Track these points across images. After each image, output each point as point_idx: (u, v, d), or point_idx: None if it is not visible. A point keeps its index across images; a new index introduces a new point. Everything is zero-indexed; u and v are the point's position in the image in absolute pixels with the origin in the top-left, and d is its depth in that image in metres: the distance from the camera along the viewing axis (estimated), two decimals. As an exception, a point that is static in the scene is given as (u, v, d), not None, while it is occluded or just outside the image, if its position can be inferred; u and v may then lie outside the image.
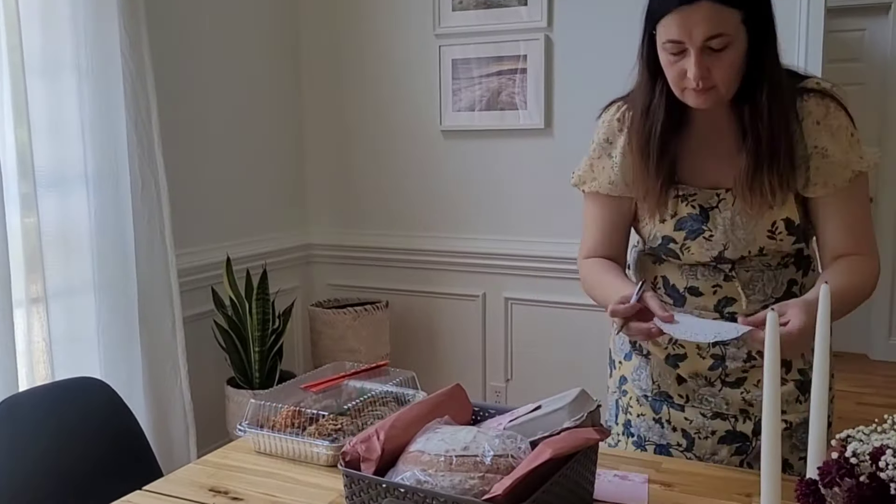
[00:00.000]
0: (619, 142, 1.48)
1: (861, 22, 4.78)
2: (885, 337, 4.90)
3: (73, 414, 1.75)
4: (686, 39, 1.26)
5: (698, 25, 1.24)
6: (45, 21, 2.28)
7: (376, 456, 1.17)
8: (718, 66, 1.28)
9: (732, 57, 1.28)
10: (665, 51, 1.31)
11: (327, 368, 1.81)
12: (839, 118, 1.37)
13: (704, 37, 1.25)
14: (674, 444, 1.54)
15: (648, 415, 1.56)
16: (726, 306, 1.44)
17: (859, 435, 0.93)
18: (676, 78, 1.32)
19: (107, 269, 2.46)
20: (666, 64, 1.33)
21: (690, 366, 1.50)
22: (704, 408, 1.50)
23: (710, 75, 1.28)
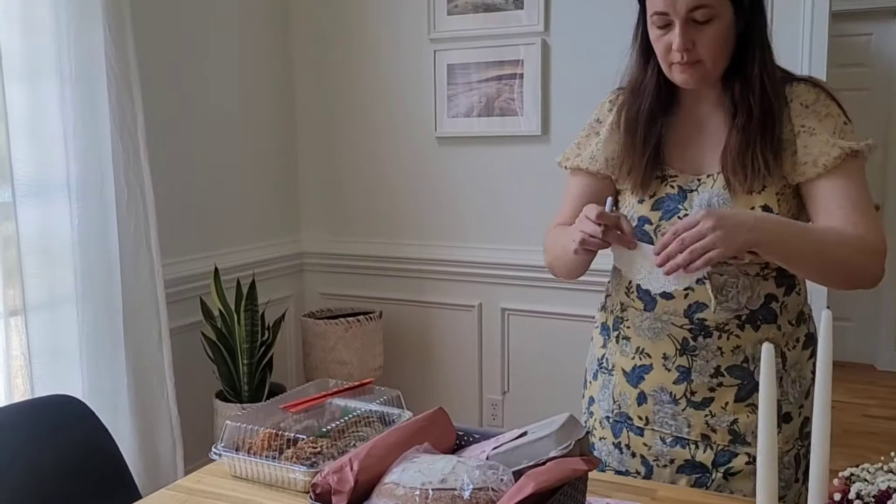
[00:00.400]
0: (608, 120, 1.51)
1: (868, 27, 4.72)
2: (891, 347, 4.82)
3: (48, 434, 1.69)
4: (671, 10, 1.29)
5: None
6: (26, 24, 2.21)
7: (349, 488, 1.10)
8: (703, 38, 1.29)
9: (717, 30, 1.29)
10: (653, 24, 1.34)
11: (310, 386, 1.75)
12: (829, 107, 1.36)
13: (688, 8, 1.27)
14: (633, 471, 1.48)
15: (609, 439, 1.52)
16: (696, 312, 1.38)
17: (864, 474, 0.86)
18: (664, 52, 1.34)
19: (90, 280, 2.39)
20: (654, 39, 1.35)
21: (655, 379, 1.43)
22: (664, 431, 1.43)
23: (695, 48, 1.30)
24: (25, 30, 2.22)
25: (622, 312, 1.49)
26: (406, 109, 3.20)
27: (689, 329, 1.39)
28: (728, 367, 1.38)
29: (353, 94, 3.30)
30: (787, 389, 1.41)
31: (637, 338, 1.45)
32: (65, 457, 1.66)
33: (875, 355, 4.85)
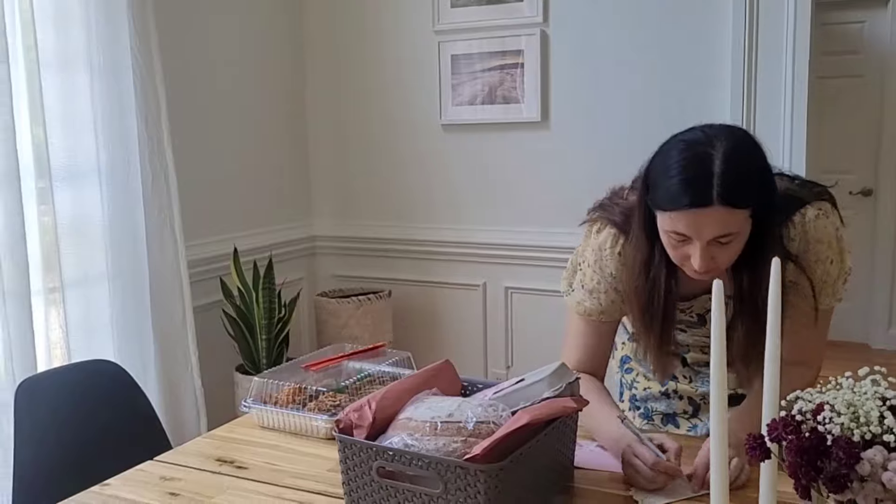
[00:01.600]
0: (620, 276, 1.46)
1: (860, 14, 4.82)
2: (885, 326, 4.95)
3: (89, 393, 1.86)
4: (694, 236, 1.25)
5: (708, 227, 1.22)
6: (58, 20, 2.37)
7: (368, 423, 1.26)
8: (722, 254, 1.27)
9: (737, 246, 1.27)
10: (668, 236, 1.29)
11: (328, 350, 1.91)
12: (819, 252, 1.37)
13: (713, 237, 1.23)
14: (680, 412, 1.64)
15: (655, 388, 1.66)
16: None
17: (806, 396, 1.01)
18: (678, 258, 1.31)
19: (120, 260, 2.56)
20: (667, 245, 1.31)
21: (694, 357, 1.59)
22: (705, 384, 1.59)
23: (714, 261, 1.27)
24: (58, 25, 2.38)
25: None
26: (412, 98, 3.36)
27: None
28: None
29: (362, 84, 3.46)
30: None
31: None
32: (106, 412, 1.83)
33: (869, 334, 4.98)
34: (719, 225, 1.22)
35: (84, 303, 2.48)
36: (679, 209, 1.23)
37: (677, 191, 1.23)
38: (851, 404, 0.93)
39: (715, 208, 1.21)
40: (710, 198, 1.20)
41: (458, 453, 1.17)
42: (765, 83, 2.78)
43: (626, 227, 1.43)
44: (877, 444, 0.90)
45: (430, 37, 3.27)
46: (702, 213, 1.22)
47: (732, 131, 1.29)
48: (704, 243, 1.24)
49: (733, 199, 1.21)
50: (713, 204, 1.20)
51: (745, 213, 1.24)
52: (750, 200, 1.23)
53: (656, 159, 1.31)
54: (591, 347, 1.56)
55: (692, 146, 1.26)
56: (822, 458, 0.92)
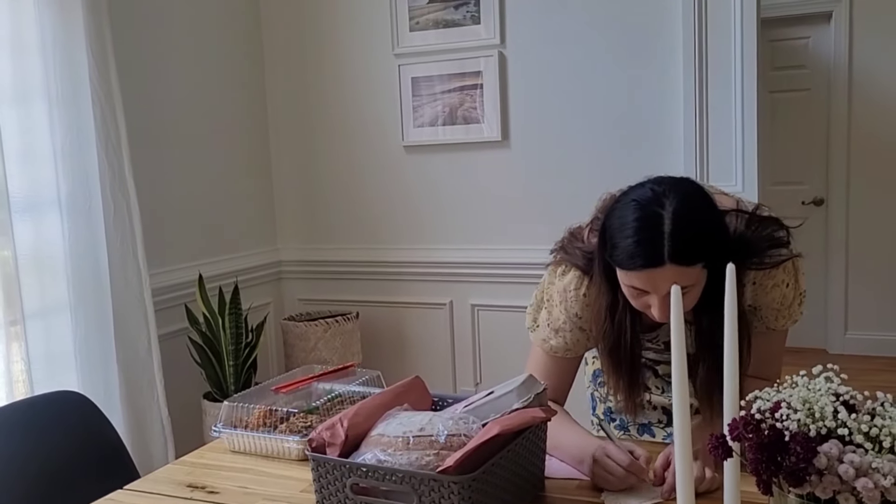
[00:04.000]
0: (585, 316, 1.50)
1: (805, 30, 4.99)
2: (841, 331, 5.08)
3: (54, 426, 1.83)
4: (651, 290, 1.31)
5: (663, 283, 1.27)
6: (14, 51, 2.36)
7: (340, 441, 1.27)
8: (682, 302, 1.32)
9: (695, 294, 1.32)
10: (628, 289, 1.35)
11: (297, 372, 1.91)
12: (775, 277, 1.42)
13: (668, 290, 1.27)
14: (654, 421, 1.67)
15: None
16: None
17: (764, 395, 1.05)
18: (640, 306, 1.36)
19: (82, 291, 2.53)
20: (628, 295, 1.36)
21: (665, 369, 1.63)
22: None
23: None
24: (15, 55, 2.36)
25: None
26: (374, 121, 3.39)
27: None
28: None
29: (323, 109, 3.48)
30: None
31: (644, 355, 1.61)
32: (72, 444, 1.80)
33: (826, 340, 5.11)
34: (674, 279, 1.24)
35: (46, 335, 2.44)
36: (633, 269, 1.29)
37: (631, 252, 1.28)
38: (807, 401, 0.97)
39: (667, 267, 1.26)
40: (661, 258, 1.26)
41: (431, 466, 1.19)
42: (716, 99, 2.86)
43: (589, 270, 1.47)
44: (832, 438, 0.94)
45: (390, 60, 3.31)
46: (655, 272, 1.27)
47: (681, 187, 1.33)
48: (662, 296, 1.29)
49: (684, 258, 1.26)
50: (665, 263, 1.26)
51: (698, 268, 1.29)
52: (700, 256, 1.28)
53: (611, 217, 1.35)
54: (553, 379, 1.58)
55: (643, 207, 1.30)
56: (781, 454, 0.95)
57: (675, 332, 1.01)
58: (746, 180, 2.87)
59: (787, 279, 1.44)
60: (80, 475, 1.76)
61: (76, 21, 2.47)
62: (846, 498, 0.90)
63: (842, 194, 4.97)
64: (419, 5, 3.24)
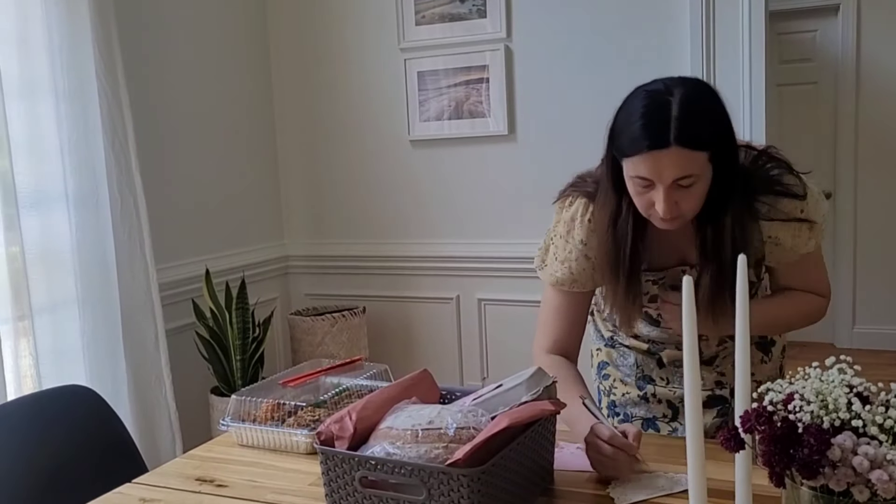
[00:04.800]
0: (590, 242, 1.50)
1: (812, 23, 4.96)
2: (849, 326, 5.06)
3: (62, 420, 1.83)
4: (656, 179, 1.29)
5: (668, 168, 1.27)
6: (22, 45, 2.36)
7: (349, 434, 1.27)
8: (686, 199, 1.31)
9: (700, 191, 1.32)
10: (633, 182, 1.34)
11: (304, 366, 1.91)
12: (788, 204, 1.43)
13: (674, 178, 1.28)
14: (659, 416, 1.66)
15: (633, 392, 1.68)
16: None
17: (776, 387, 1.04)
18: (644, 206, 1.35)
19: (90, 286, 2.54)
20: (633, 192, 1.36)
21: (670, 355, 1.63)
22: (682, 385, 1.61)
23: (678, 207, 1.32)
24: (22, 51, 2.37)
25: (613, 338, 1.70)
26: (380, 116, 3.38)
27: None
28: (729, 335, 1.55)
29: (330, 104, 3.47)
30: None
31: (646, 336, 1.63)
32: (81, 438, 1.81)
33: (834, 334, 5.09)
34: (678, 166, 1.27)
35: (54, 330, 2.45)
36: (639, 153, 1.29)
37: (637, 136, 1.29)
38: (820, 392, 0.96)
39: (672, 149, 1.26)
40: (667, 140, 1.26)
41: (441, 459, 1.19)
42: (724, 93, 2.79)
43: (595, 194, 1.49)
44: (846, 429, 0.93)
45: (395, 54, 3.30)
46: (660, 154, 1.27)
47: (691, 80, 1.35)
48: (667, 186, 1.29)
49: (689, 140, 1.26)
50: (671, 145, 1.26)
51: (703, 156, 1.29)
52: (706, 142, 1.28)
53: (620, 111, 1.36)
54: (564, 323, 1.58)
55: (652, 95, 1.32)
56: (794, 446, 0.95)
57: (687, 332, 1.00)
58: (755, 173, 2.85)
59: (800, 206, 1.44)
60: (89, 469, 1.76)
61: (83, 16, 2.47)
62: (860, 490, 0.90)
63: (849, 187, 4.95)
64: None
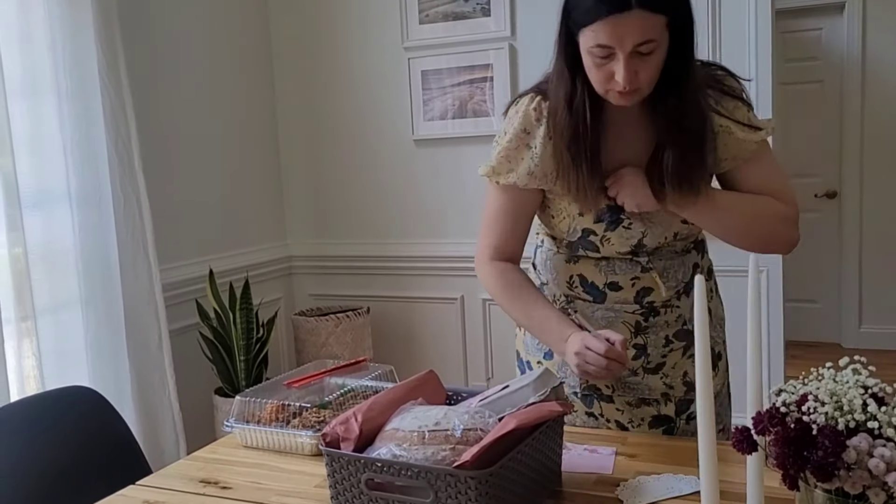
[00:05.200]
0: (539, 132, 1.45)
1: (818, 21, 4.94)
2: (856, 325, 5.03)
3: (65, 421, 1.82)
4: (616, 45, 1.26)
5: (630, 33, 1.24)
6: (24, 45, 2.36)
7: (355, 436, 1.25)
8: (644, 68, 1.29)
9: (658, 59, 1.30)
10: (591, 55, 1.30)
11: (309, 367, 1.89)
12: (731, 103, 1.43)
13: (635, 43, 1.25)
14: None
15: (581, 410, 1.62)
16: (645, 296, 1.52)
17: (789, 388, 1.03)
18: (602, 79, 1.32)
19: (93, 286, 2.53)
20: (590, 66, 1.32)
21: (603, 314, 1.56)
22: (630, 396, 1.58)
23: (636, 77, 1.29)
24: (24, 50, 2.36)
25: (568, 304, 1.58)
26: (384, 115, 3.37)
27: (641, 313, 1.53)
28: (674, 333, 1.55)
29: (334, 103, 3.46)
30: (713, 334, 1.58)
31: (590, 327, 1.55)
32: (84, 440, 1.79)
33: (840, 334, 5.07)
34: (639, 31, 1.24)
35: (57, 330, 2.44)
36: (600, 18, 1.25)
37: (596, 1, 1.25)
38: (834, 393, 0.94)
39: (634, 12, 1.23)
40: (628, 2, 1.23)
41: (447, 461, 1.17)
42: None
43: (545, 90, 1.44)
44: (861, 431, 0.91)
45: (399, 53, 3.29)
46: (622, 18, 1.24)
47: None
48: (627, 54, 1.26)
49: (650, 2, 1.24)
50: (632, 8, 1.23)
51: (662, 20, 1.26)
52: (666, 4, 1.26)
53: None
54: (506, 227, 1.53)
55: None
56: (808, 448, 0.93)
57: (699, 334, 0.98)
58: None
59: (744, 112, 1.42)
60: (92, 471, 1.75)
61: (85, 15, 2.47)
62: (876, 493, 0.88)
63: (855, 187, 4.93)
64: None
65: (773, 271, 2.89)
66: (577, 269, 1.56)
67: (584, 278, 1.55)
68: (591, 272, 1.54)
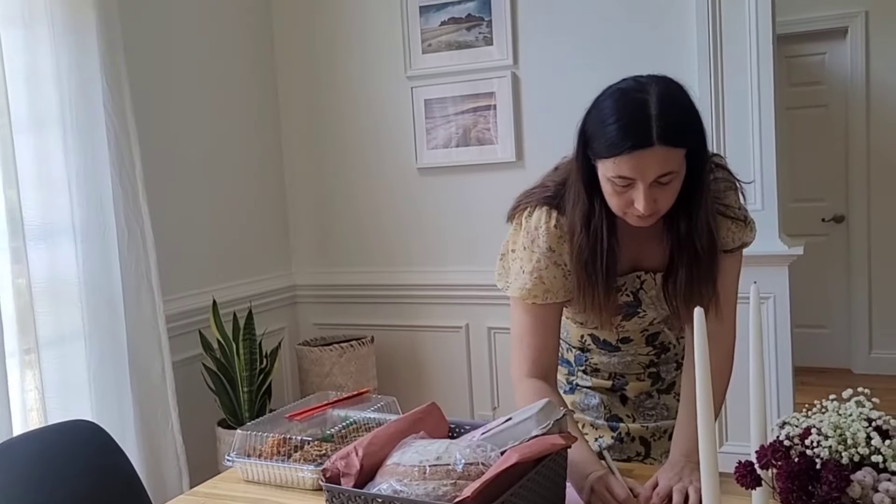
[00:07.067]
0: (565, 249, 1.45)
1: (821, 46, 4.95)
2: (866, 351, 4.98)
3: (67, 455, 1.81)
4: (638, 177, 1.28)
5: (651, 167, 1.26)
6: (31, 78, 2.37)
7: (355, 471, 1.24)
8: (663, 196, 1.31)
9: (676, 186, 1.32)
10: (612, 183, 1.31)
11: (311, 399, 1.88)
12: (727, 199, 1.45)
13: (656, 176, 1.27)
14: (633, 453, 1.65)
15: (607, 434, 1.66)
16: (655, 339, 1.58)
17: (793, 420, 1.01)
18: (621, 205, 1.33)
19: (96, 318, 2.52)
20: (609, 192, 1.33)
21: (634, 389, 1.63)
22: (650, 420, 1.64)
23: (656, 204, 1.31)
24: (30, 84, 2.38)
25: (584, 352, 1.65)
26: (388, 144, 3.38)
27: (654, 353, 1.60)
28: (683, 356, 1.59)
29: (337, 132, 3.48)
30: None
31: (606, 368, 1.63)
32: (86, 475, 1.78)
33: (851, 360, 5.01)
34: (660, 164, 1.26)
35: (60, 363, 2.43)
36: (622, 153, 1.27)
37: (619, 136, 1.27)
38: (838, 427, 0.93)
39: (656, 148, 1.25)
40: (650, 139, 1.25)
41: (449, 496, 1.15)
42: (733, 117, 2.83)
43: (559, 202, 1.45)
44: (865, 465, 0.90)
45: (402, 82, 3.31)
46: (643, 154, 1.26)
47: (661, 77, 1.34)
48: (647, 185, 1.28)
49: (672, 138, 1.26)
50: (654, 144, 1.25)
51: (682, 153, 1.29)
52: (687, 138, 1.29)
53: (591, 113, 1.35)
54: (540, 340, 1.52)
55: (626, 94, 1.30)
56: (812, 483, 0.91)
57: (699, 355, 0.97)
58: (766, 198, 2.83)
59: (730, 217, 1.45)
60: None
61: (91, 49, 2.49)
62: (883, 529, 0.86)
63: (862, 210, 4.91)
64: (432, 27, 3.25)
65: (780, 297, 2.87)
66: (588, 331, 1.61)
67: (595, 337, 1.61)
68: (604, 333, 1.59)
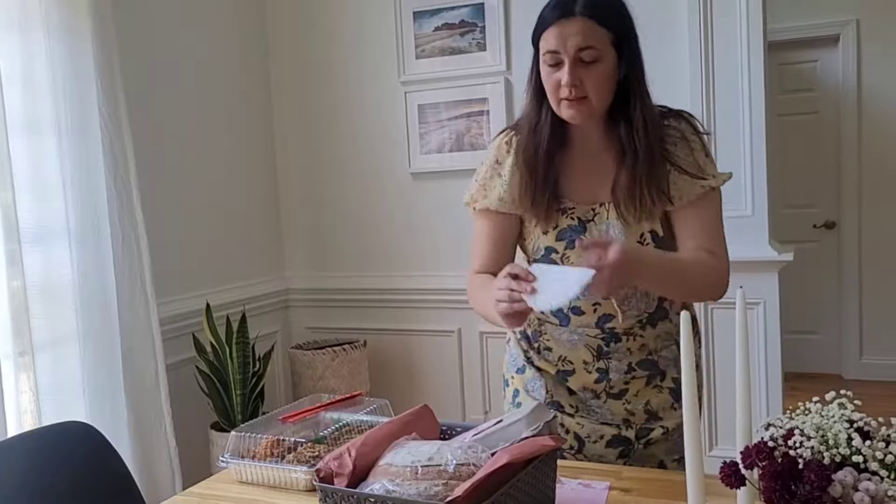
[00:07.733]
0: (508, 161, 1.61)
1: (813, 53, 5.00)
2: (856, 357, 5.02)
3: (61, 456, 1.82)
4: (561, 49, 1.43)
5: (572, 37, 1.42)
6: (26, 82, 2.38)
7: (348, 471, 1.26)
8: (589, 77, 1.44)
9: (601, 70, 1.44)
10: (544, 63, 1.47)
11: (304, 401, 1.89)
12: (693, 143, 1.54)
13: (577, 47, 1.42)
14: (566, 447, 1.65)
15: None
16: (606, 322, 1.58)
17: (777, 422, 1.03)
18: (554, 88, 1.47)
19: (90, 321, 2.53)
20: (545, 76, 1.48)
21: (578, 380, 1.63)
22: (592, 418, 1.63)
23: (582, 85, 1.44)
24: (25, 88, 2.38)
25: (539, 326, 1.67)
26: (381, 149, 3.40)
27: (602, 337, 1.59)
28: (638, 361, 1.60)
29: (331, 136, 3.50)
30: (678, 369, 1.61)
31: (557, 348, 1.64)
32: (80, 476, 1.79)
33: (841, 366, 5.05)
34: (581, 36, 1.41)
35: (54, 365, 2.44)
36: (549, 25, 1.45)
37: (547, 14, 1.46)
38: (820, 428, 0.95)
39: (577, 19, 1.42)
40: (572, 10, 1.42)
41: (440, 496, 1.17)
42: (724, 123, 2.86)
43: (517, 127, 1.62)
44: (847, 465, 0.92)
45: (396, 87, 3.33)
46: (565, 23, 1.43)
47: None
48: (571, 58, 1.42)
49: (592, 13, 1.42)
50: (575, 15, 1.42)
51: (605, 34, 1.43)
52: (610, 19, 1.44)
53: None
54: (493, 247, 1.64)
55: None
56: (795, 482, 0.93)
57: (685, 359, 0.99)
58: (757, 204, 2.85)
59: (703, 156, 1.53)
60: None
61: (85, 53, 2.50)
62: (863, 527, 0.88)
63: (853, 217, 4.95)
64: (425, 33, 3.27)
65: (770, 303, 2.89)
66: None
67: None
68: None
